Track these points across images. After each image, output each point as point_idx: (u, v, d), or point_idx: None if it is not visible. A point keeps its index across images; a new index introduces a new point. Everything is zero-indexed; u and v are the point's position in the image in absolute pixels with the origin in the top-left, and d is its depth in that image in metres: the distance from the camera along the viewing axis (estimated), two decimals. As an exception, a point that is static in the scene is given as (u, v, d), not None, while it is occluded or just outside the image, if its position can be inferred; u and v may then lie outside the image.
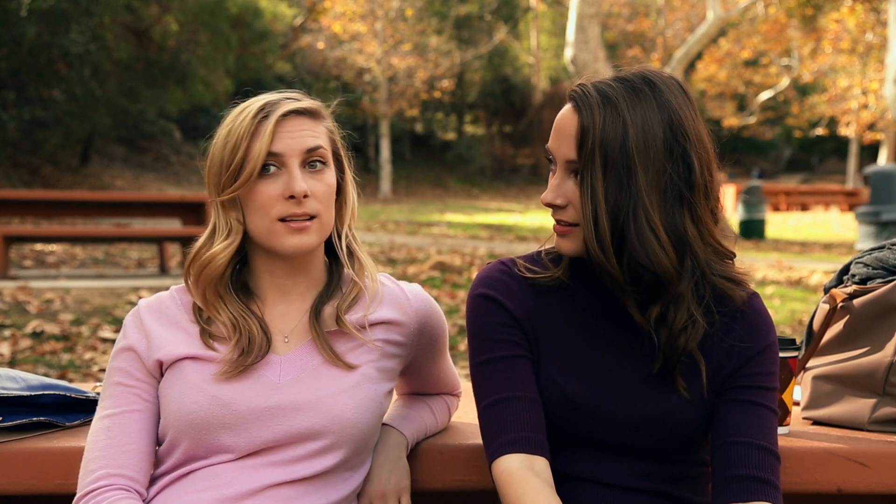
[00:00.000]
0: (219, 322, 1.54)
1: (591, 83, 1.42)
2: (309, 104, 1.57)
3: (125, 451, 1.50)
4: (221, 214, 1.55)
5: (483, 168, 35.76)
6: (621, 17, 29.67)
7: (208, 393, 1.50)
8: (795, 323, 7.02)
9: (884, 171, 13.56)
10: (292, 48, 29.70)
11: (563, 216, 1.43)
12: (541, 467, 1.42)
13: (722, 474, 1.43)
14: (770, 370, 1.49)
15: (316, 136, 1.54)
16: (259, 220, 1.52)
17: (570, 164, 1.41)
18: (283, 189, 1.50)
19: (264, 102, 1.54)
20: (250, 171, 1.49)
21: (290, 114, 1.53)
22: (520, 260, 1.56)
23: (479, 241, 13.59)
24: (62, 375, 4.78)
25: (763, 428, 1.45)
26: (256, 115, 1.52)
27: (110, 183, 22.18)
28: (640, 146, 1.36)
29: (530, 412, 1.45)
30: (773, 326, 1.52)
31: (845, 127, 30.88)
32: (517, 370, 1.48)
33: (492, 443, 1.45)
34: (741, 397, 1.46)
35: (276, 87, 1.66)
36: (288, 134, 1.52)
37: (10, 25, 16.96)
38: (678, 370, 1.45)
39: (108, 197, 11.80)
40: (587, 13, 13.80)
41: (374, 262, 1.66)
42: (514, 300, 1.51)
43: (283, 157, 1.51)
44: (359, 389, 1.54)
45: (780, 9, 23.03)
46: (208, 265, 1.53)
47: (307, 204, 1.51)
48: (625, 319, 1.48)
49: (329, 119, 1.62)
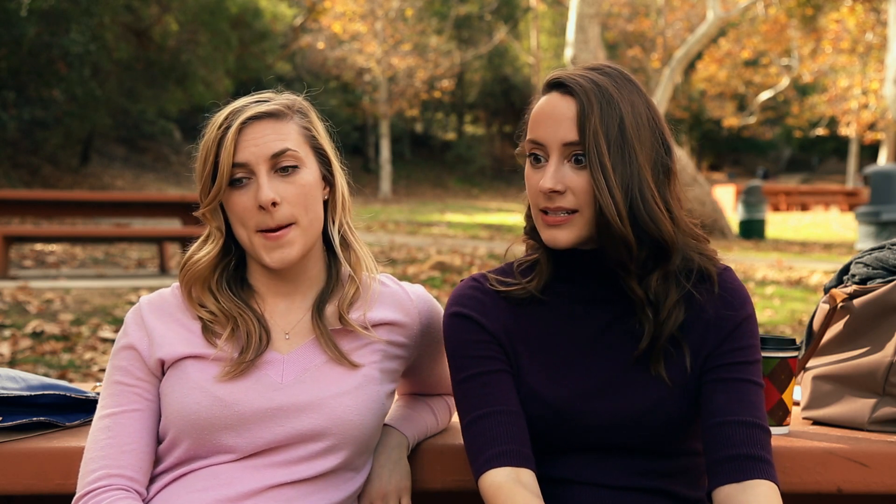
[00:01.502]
0: (204, 315, 1.54)
1: (567, 74, 1.45)
2: (271, 106, 1.54)
3: (125, 450, 1.50)
4: (207, 222, 1.57)
5: (483, 168, 35.75)
6: (621, 17, 29.64)
7: (211, 393, 1.49)
8: (795, 323, 7.02)
9: (884, 171, 13.56)
10: (292, 48, 29.68)
11: (563, 203, 1.43)
12: (527, 479, 1.43)
13: (713, 457, 1.43)
14: (750, 343, 1.49)
15: (282, 140, 1.52)
16: (241, 231, 1.53)
17: (567, 149, 1.42)
18: (254, 199, 1.50)
19: (229, 111, 1.54)
20: (219, 185, 1.50)
21: (251, 120, 1.52)
22: (491, 274, 1.57)
23: (479, 241, 13.59)
24: (62, 375, 4.77)
25: (748, 403, 1.45)
26: (221, 125, 1.52)
27: (110, 183, 22.17)
28: (634, 125, 1.41)
29: (513, 425, 1.46)
30: (749, 299, 1.53)
31: (845, 127, 30.86)
32: (497, 385, 1.49)
33: (477, 458, 1.46)
34: (723, 376, 1.46)
35: (276, 87, 1.65)
36: (252, 142, 1.51)
37: (10, 25, 16.95)
38: (661, 355, 1.46)
39: (108, 197, 11.80)
40: (587, 13, 13.81)
41: (375, 262, 1.65)
42: (489, 316, 1.52)
43: (249, 166, 1.51)
44: (361, 391, 1.54)
45: (780, 9, 23.03)
46: (191, 268, 1.56)
47: (278, 213, 1.50)
48: (601, 322, 1.50)
49: (305, 113, 1.59)
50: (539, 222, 1.47)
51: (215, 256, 1.56)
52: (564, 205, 1.43)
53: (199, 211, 1.55)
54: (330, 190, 1.61)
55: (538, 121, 1.45)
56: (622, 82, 1.44)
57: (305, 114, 1.60)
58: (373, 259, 1.65)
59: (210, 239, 1.57)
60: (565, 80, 1.44)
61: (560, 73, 1.46)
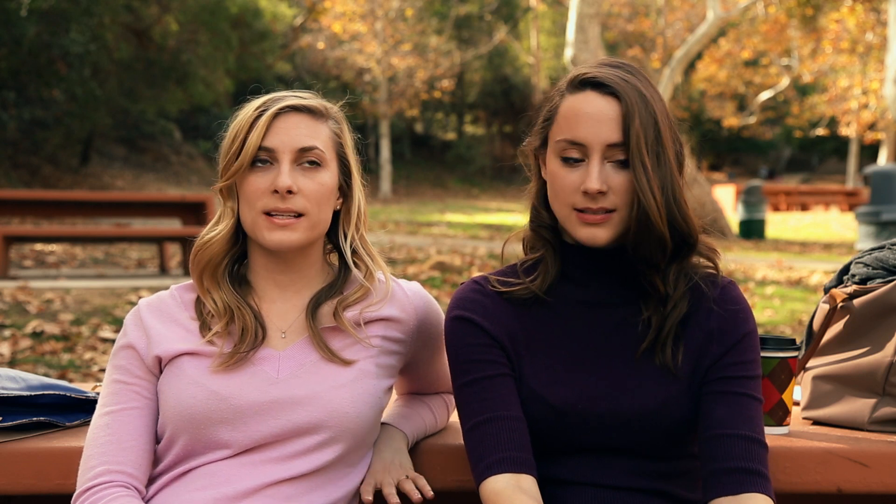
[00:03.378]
0: (210, 306, 1.55)
1: (603, 74, 1.45)
2: (311, 102, 1.58)
3: (124, 447, 1.50)
4: (221, 201, 1.59)
5: (483, 168, 35.74)
6: (621, 17, 29.62)
7: (206, 387, 1.50)
8: (795, 323, 7.02)
9: (884, 171, 13.56)
10: (292, 48, 29.67)
11: (605, 203, 1.43)
12: (528, 485, 1.43)
13: (710, 468, 1.44)
14: (751, 358, 1.50)
15: (312, 137, 1.55)
16: (247, 212, 1.54)
17: (610, 150, 1.42)
18: (270, 183, 1.52)
19: (268, 98, 1.57)
20: (241, 163, 1.52)
21: (288, 110, 1.54)
22: (492, 276, 1.57)
23: (479, 241, 13.59)
24: (62, 375, 4.77)
25: (747, 418, 1.46)
26: (258, 108, 1.55)
27: (110, 183, 22.18)
28: (664, 124, 1.45)
29: (514, 431, 1.46)
30: (752, 315, 1.54)
31: (845, 127, 30.85)
32: (499, 389, 1.49)
33: (478, 464, 1.46)
34: (724, 389, 1.47)
35: (276, 87, 1.67)
36: (283, 130, 1.53)
37: (10, 25, 16.95)
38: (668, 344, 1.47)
39: (108, 197, 11.80)
40: (587, 13, 13.81)
41: (387, 268, 1.66)
42: (491, 318, 1.52)
43: (275, 153, 1.53)
44: (357, 384, 1.55)
45: (780, 9, 23.01)
46: (204, 248, 1.57)
47: (292, 200, 1.51)
48: (605, 324, 1.51)
49: (339, 121, 1.62)
50: (573, 221, 1.46)
51: (227, 235, 1.57)
52: (606, 205, 1.43)
53: (216, 186, 1.57)
54: (345, 201, 1.63)
55: (578, 121, 1.44)
56: (646, 82, 1.46)
57: (339, 121, 1.63)
58: (385, 266, 1.66)
59: (222, 219, 1.58)
60: (605, 80, 1.44)
61: (595, 72, 1.45)
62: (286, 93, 1.60)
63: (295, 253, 1.57)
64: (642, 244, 1.42)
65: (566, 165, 1.45)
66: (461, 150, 37.15)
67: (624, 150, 1.41)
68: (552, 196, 1.49)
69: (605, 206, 1.43)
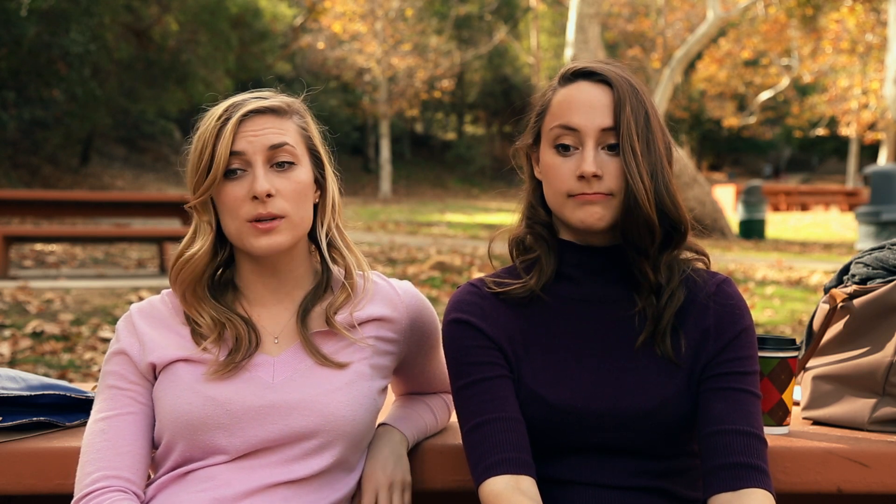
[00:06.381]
0: (199, 321, 1.54)
1: (596, 65, 1.50)
2: (272, 102, 1.56)
3: (121, 453, 1.50)
4: (196, 217, 1.56)
5: (483, 168, 35.74)
6: (621, 17, 29.62)
7: (202, 394, 1.50)
8: (795, 323, 7.02)
9: (884, 171, 13.56)
10: (292, 48, 29.67)
11: (600, 188, 1.45)
12: (527, 486, 1.43)
13: (709, 464, 1.44)
14: (748, 353, 1.51)
15: (280, 134, 1.53)
16: (230, 223, 1.53)
17: (603, 135, 1.45)
18: (247, 190, 1.50)
19: (229, 104, 1.54)
20: (215, 174, 1.50)
21: (252, 113, 1.52)
22: (489, 278, 1.57)
23: (479, 241, 13.59)
24: (62, 375, 4.77)
25: (746, 413, 1.46)
26: (220, 116, 1.52)
27: (110, 183, 22.18)
28: (654, 114, 1.48)
29: (513, 432, 1.46)
30: (748, 311, 1.55)
31: (845, 127, 30.86)
32: (497, 391, 1.49)
33: (477, 466, 1.46)
34: (722, 385, 1.48)
35: (276, 87, 1.66)
36: (250, 133, 1.51)
37: (10, 25, 16.95)
38: (666, 336, 1.48)
39: (107, 197, 11.79)
40: (587, 13, 13.81)
41: (374, 262, 1.65)
42: (488, 320, 1.52)
43: (246, 157, 1.51)
44: (353, 387, 1.55)
45: (780, 9, 23.01)
46: (185, 267, 1.55)
47: (272, 204, 1.50)
48: (603, 323, 1.51)
49: (303, 115, 1.61)
50: (569, 206, 1.47)
51: (208, 250, 1.55)
52: (601, 189, 1.45)
53: (191, 202, 1.54)
54: (321, 193, 1.62)
55: (571, 107, 1.47)
56: (636, 78, 1.50)
57: (303, 115, 1.61)
58: (364, 259, 1.65)
59: (199, 234, 1.56)
60: (597, 70, 1.48)
61: (587, 64, 1.51)
62: (245, 95, 1.58)
63: (281, 255, 1.57)
64: (631, 229, 1.44)
65: (560, 154, 1.47)
66: (461, 150, 37.15)
67: (616, 135, 1.45)
68: (547, 188, 1.51)
69: (601, 190, 1.45)
